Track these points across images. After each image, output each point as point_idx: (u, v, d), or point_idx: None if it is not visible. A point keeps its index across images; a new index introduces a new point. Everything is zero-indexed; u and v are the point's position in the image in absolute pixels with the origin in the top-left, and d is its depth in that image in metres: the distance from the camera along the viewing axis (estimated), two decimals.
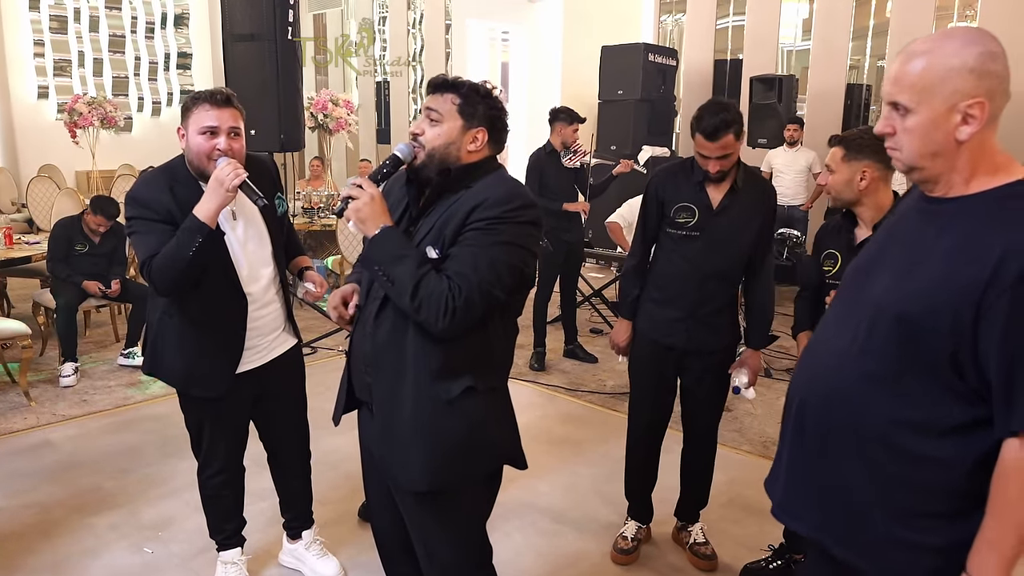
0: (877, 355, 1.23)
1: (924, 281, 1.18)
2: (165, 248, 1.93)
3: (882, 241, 1.35)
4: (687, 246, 2.39)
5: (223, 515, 2.37)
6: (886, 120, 1.23)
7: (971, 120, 1.16)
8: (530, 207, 1.54)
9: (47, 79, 9.59)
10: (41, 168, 8.85)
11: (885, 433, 1.23)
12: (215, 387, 2.14)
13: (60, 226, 4.54)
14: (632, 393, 2.64)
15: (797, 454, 1.37)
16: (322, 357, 4.86)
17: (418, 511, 1.62)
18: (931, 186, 1.24)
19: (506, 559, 2.60)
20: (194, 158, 2.02)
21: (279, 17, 4.71)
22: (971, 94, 1.15)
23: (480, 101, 1.56)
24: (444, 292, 1.43)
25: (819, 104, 7.26)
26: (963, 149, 1.18)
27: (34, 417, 3.80)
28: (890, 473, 1.23)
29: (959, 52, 1.15)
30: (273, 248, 2.20)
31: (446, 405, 1.53)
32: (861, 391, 1.25)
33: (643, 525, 2.72)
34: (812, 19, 7.35)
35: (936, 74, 1.16)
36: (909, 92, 1.18)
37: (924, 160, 1.20)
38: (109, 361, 4.68)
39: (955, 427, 1.18)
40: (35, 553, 2.62)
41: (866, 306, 1.27)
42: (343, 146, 9.95)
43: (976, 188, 1.20)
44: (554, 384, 4.47)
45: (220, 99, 2.01)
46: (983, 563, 1.15)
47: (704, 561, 2.60)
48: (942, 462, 1.19)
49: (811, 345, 1.42)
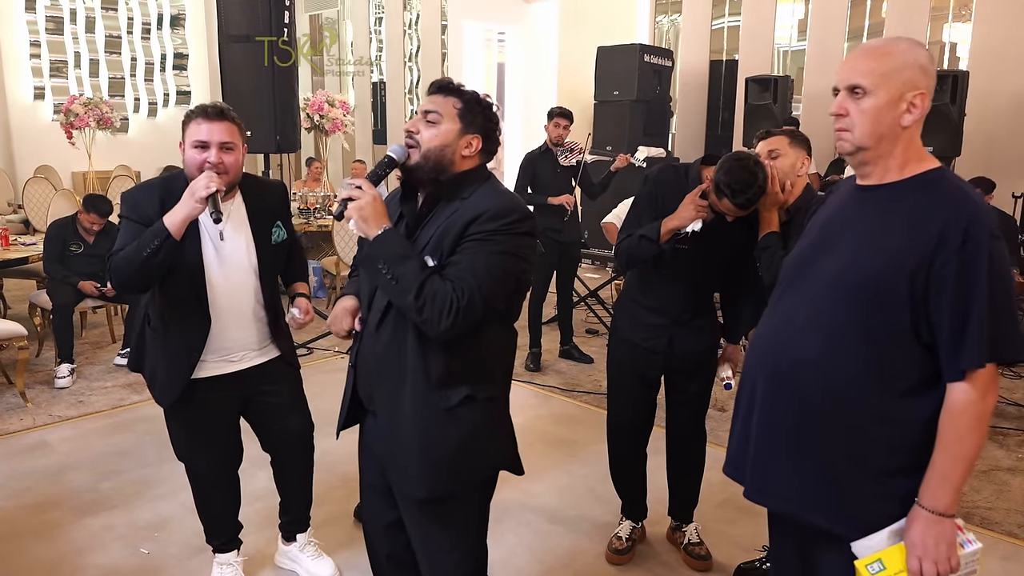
0: (843, 329, 1.36)
1: (876, 256, 1.33)
2: (130, 245, 1.95)
3: (821, 230, 1.49)
4: (677, 258, 2.34)
5: (214, 521, 2.37)
6: (840, 103, 1.38)
7: (913, 109, 1.34)
8: (527, 219, 1.56)
9: (43, 80, 9.58)
10: (37, 169, 8.84)
11: (858, 400, 1.36)
12: (164, 397, 2.17)
13: (54, 227, 4.54)
14: (610, 393, 2.64)
15: (765, 434, 1.47)
16: (318, 358, 4.86)
17: (420, 517, 1.64)
18: (869, 169, 1.40)
19: (501, 559, 2.60)
20: (188, 172, 2.04)
21: (275, 18, 4.71)
22: (918, 87, 1.33)
23: (480, 110, 1.58)
24: (448, 292, 1.44)
25: (814, 105, 7.28)
26: (902, 136, 1.35)
27: (30, 418, 3.80)
28: (863, 437, 1.36)
29: (912, 50, 1.35)
30: (260, 270, 2.17)
31: (445, 413, 1.54)
32: (833, 364, 1.37)
33: (637, 525, 2.72)
34: (807, 20, 7.37)
35: (895, 64, 1.33)
36: (870, 76, 1.34)
37: (872, 140, 1.35)
38: (105, 362, 4.68)
39: (916, 385, 1.33)
40: (31, 554, 2.62)
41: (821, 285, 1.40)
42: (339, 147, 9.95)
43: (908, 174, 1.36)
44: (550, 384, 4.48)
45: (212, 113, 2.01)
46: (936, 493, 1.31)
47: (699, 561, 2.61)
48: (909, 420, 1.34)
49: (763, 333, 1.52)
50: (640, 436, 2.62)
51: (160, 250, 1.90)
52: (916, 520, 1.32)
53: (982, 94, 6.25)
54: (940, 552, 1.31)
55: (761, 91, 6.90)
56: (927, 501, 1.31)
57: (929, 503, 1.31)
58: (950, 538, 1.31)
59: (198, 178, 1.92)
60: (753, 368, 1.51)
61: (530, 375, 4.65)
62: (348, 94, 10.24)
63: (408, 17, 10.03)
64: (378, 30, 10.42)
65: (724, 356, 2.57)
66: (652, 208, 2.39)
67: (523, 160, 4.73)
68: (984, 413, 1.29)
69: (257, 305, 2.20)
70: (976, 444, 1.30)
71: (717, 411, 4.08)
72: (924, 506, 1.32)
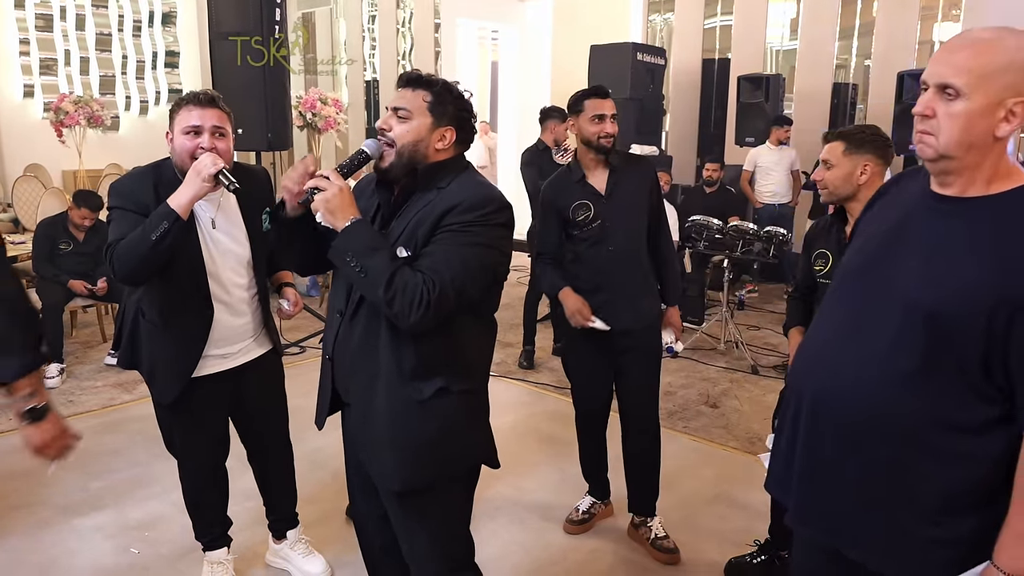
0: (906, 353, 1.21)
1: (956, 280, 1.17)
2: (131, 233, 1.91)
3: (886, 238, 1.31)
4: (593, 236, 2.51)
5: (206, 517, 2.36)
6: (927, 103, 1.19)
7: (1012, 118, 1.15)
8: (504, 209, 1.54)
9: (33, 78, 9.50)
10: (27, 167, 8.77)
11: (912, 431, 1.22)
12: (165, 393, 2.14)
13: (43, 225, 4.52)
14: (572, 383, 2.75)
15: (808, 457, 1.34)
16: (310, 356, 4.85)
17: (399, 510, 1.64)
18: (951, 179, 1.22)
19: (493, 555, 2.60)
20: (178, 159, 2.02)
21: (266, 16, 4.69)
22: (1021, 93, 1.14)
23: (451, 100, 1.56)
24: (419, 284, 1.42)
25: (806, 103, 7.31)
26: (995, 148, 1.17)
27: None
28: (916, 472, 1.23)
29: (1022, 48, 1.14)
30: (254, 260, 2.18)
31: (418, 406, 1.54)
32: (888, 390, 1.23)
33: (598, 501, 2.82)
34: (799, 19, 7.40)
35: (1000, 63, 1.14)
36: (967, 76, 1.14)
37: (960, 149, 1.18)
38: (96, 361, 4.65)
39: (980, 424, 1.18)
40: (21, 554, 2.60)
41: (885, 301, 1.25)
42: (332, 145, 9.92)
43: (996, 189, 1.19)
44: (542, 382, 4.48)
45: (204, 99, 2.02)
46: (1014, 552, 1.16)
47: (666, 555, 2.61)
48: (967, 458, 1.19)
49: (811, 344, 1.40)
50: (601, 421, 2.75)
51: (169, 233, 1.87)
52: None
53: None
54: None
55: (753, 89, 6.92)
56: (1004, 562, 1.17)
57: (1006, 564, 1.16)
58: None
59: (201, 157, 1.91)
60: (799, 381, 1.38)
61: (523, 372, 4.64)
62: (342, 92, 10.21)
63: (402, 15, 10.01)
64: (371, 28, 10.39)
65: (665, 320, 2.67)
66: (556, 222, 2.58)
67: (524, 157, 4.76)
68: None
69: (250, 294, 2.20)
70: None
71: (709, 408, 4.10)
72: (1000, 567, 1.17)
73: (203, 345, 2.10)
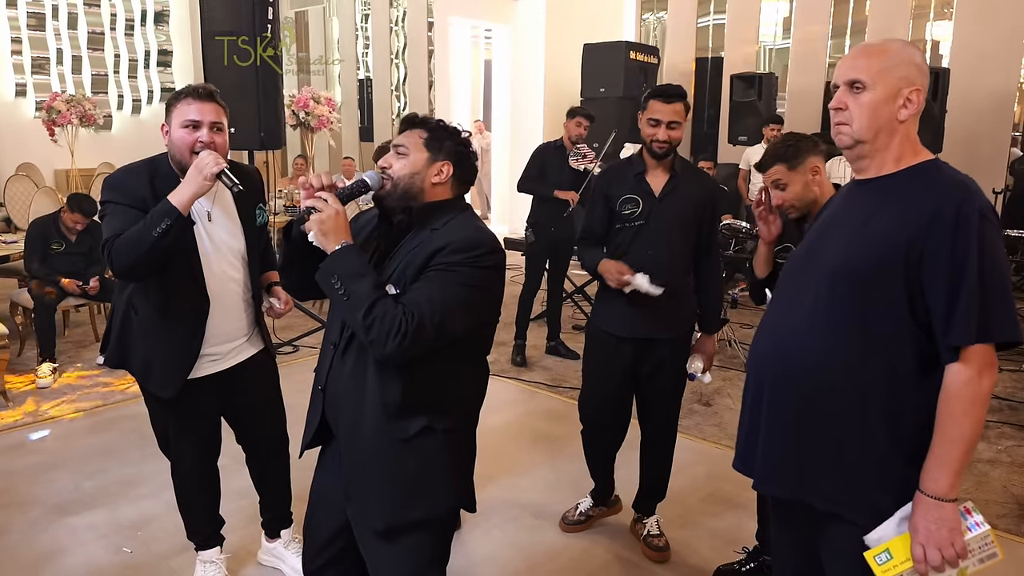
0: (837, 307, 1.39)
1: (872, 239, 1.37)
2: (131, 228, 1.90)
3: (821, 226, 1.53)
4: (635, 235, 2.46)
5: (199, 517, 2.36)
6: (839, 98, 1.42)
7: (910, 104, 1.39)
8: (494, 253, 1.54)
9: (25, 77, 9.46)
10: (19, 167, 8.73)
11: (856, 382, 1.38)
12: (166, 388, 2.12)
13: (35, 225, 4.50)
14: (584, 383, 2.71)
15: (773, 428, 1.48)
16: (304, 356, 4.85)
17: (376, 548, 1.60)
18: (866, 163, 1.44)
19: (487, 555, 2.61)
20: (176, 152, 2.01)
21: (258, 15, 4.68)
22: (914, 83, 1.39)
23: (447, 137, 1.57)
24: (398, 315, 1.41)
25: (798, 102, 7.34)
26: (899, 130, 1.40)
27: (11, 417, 3.77)
28: (864, 418, 1.37)
29: (907, 49, 1.43)
30: (248, 257, 2.18)
31: (402, 443, 1.53)
32: (829, 351, 1.40)
33: (596, 505, 2.83)
34: (792, 18, 7.42)
35: (893, 61, 1.39)
36: (869, 72, 1.39)
37: (870, 133, 1.40)
38: (88, 361, 4.64)
39: (915, 370, 1.34)
40: (13, 553, 2.60)
41: (820, 273, 1.43)
42: (326, 144, 9.91)
43: (903, 166, 1.41)
44: (536, 380, 4.49)
45: (203, 93, 2.01)
46: (934, 476, 1.31)
47: (656, 552, 2.64)
48: (910, 405, 1.35)
49: (766, 325, 1.54)
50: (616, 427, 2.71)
51: (171, 230, 1.86)
52: (918, 506, 1.32)
53: (963, 91, 6.32)
54: (942, 537, 1.29)
55: (746, 88, 6.95)
56: (926, 486, 1.31)
57: (928, 487, 1.31)
58: (952, 522, 1.30)
59: (203, 155, 1.91)
60: (757, 362, 1.53)
61: (516, 371, 4.65)
62: (335, 91, 10.20)
63: (395, 14, 10.00)
64: (364, 27, 10.38)
65: (696, 346, 2.61)
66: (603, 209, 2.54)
67: (536, 149, 4.78)
68: (980, 394, 1.29)
69: (244, 289, 2.20)
70: (973, 426, 1.29)
71: (702, 406, 4.12)
72: (924, 491, 1.32)
73: (201, 338, 2.10)
